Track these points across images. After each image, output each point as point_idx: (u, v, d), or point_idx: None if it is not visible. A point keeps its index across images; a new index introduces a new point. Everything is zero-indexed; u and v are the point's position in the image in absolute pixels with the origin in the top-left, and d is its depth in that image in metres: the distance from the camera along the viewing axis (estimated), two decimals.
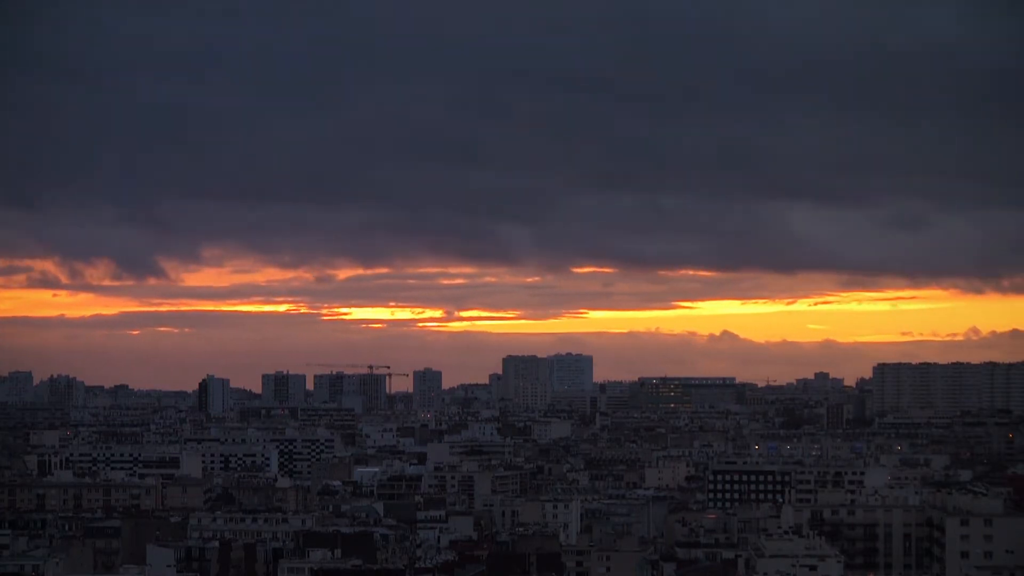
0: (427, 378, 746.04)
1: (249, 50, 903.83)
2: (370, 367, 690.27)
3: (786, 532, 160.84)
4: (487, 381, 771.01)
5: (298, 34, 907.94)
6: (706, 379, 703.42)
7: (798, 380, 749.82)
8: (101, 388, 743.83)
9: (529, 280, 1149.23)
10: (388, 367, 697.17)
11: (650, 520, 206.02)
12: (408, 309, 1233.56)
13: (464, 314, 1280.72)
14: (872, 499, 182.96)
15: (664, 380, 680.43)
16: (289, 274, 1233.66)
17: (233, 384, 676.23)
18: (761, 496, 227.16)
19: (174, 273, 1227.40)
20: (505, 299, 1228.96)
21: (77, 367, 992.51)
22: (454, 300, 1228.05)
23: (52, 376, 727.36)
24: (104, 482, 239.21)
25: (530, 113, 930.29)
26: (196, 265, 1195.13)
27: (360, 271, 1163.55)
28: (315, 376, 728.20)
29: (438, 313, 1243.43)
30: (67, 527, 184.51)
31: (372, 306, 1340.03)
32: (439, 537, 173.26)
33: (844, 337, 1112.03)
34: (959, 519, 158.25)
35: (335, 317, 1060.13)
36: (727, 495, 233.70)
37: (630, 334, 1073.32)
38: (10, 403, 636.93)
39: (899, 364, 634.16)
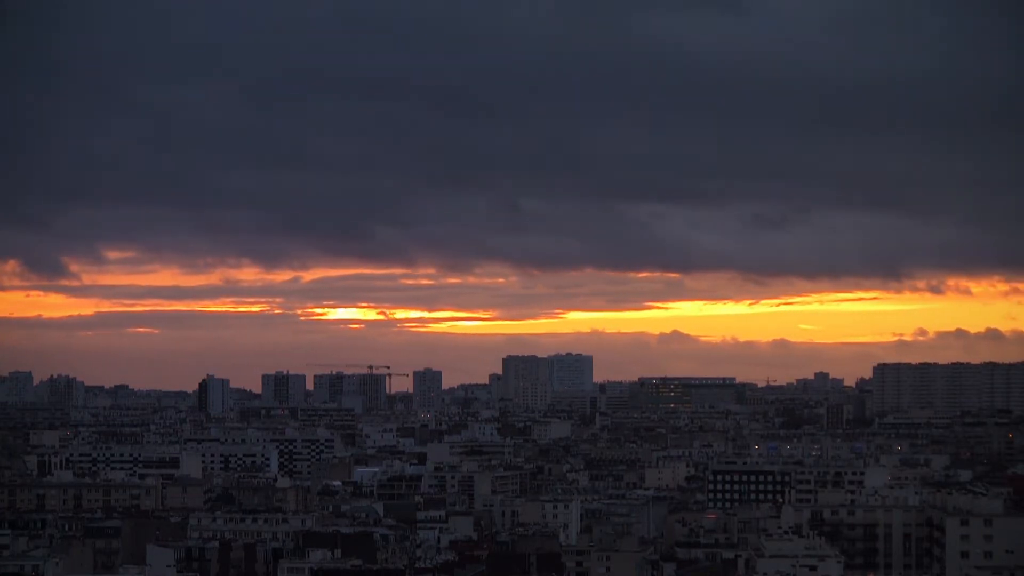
0: (427, 378, 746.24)
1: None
2: (370, 367, 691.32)
3: (786, 532, 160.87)
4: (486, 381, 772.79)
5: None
6: (706, 379, 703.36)
7: (798, 380, 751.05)
8: (101, 388, 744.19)
9: (424, 281, 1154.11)
10: (388, 367, 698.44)
11: (650, 520, 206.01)
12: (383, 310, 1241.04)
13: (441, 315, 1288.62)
14: (872, 499, 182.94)
15: (664, 380, 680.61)
16: (222, 275, 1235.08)
17: (232, 384, 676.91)
18: (761, 496, 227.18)
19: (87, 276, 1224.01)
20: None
21: (77, 367, 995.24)
22: (426, 301, 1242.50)
23: (52, 376, 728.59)
24: (104, 482, 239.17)
25: (359, 118, 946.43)
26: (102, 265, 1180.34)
27: (264, 274, 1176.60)
28: (315, 376, 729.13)
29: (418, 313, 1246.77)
30: (67, 527, 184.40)
31: (345, 306, 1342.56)
32: (439, 537, 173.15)
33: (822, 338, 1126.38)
34: (959, 519, 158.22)
35: (312, 317, 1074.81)
36: (727, 495, 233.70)
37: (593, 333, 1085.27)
38: (10, 403, 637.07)
39: (899, 364, 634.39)
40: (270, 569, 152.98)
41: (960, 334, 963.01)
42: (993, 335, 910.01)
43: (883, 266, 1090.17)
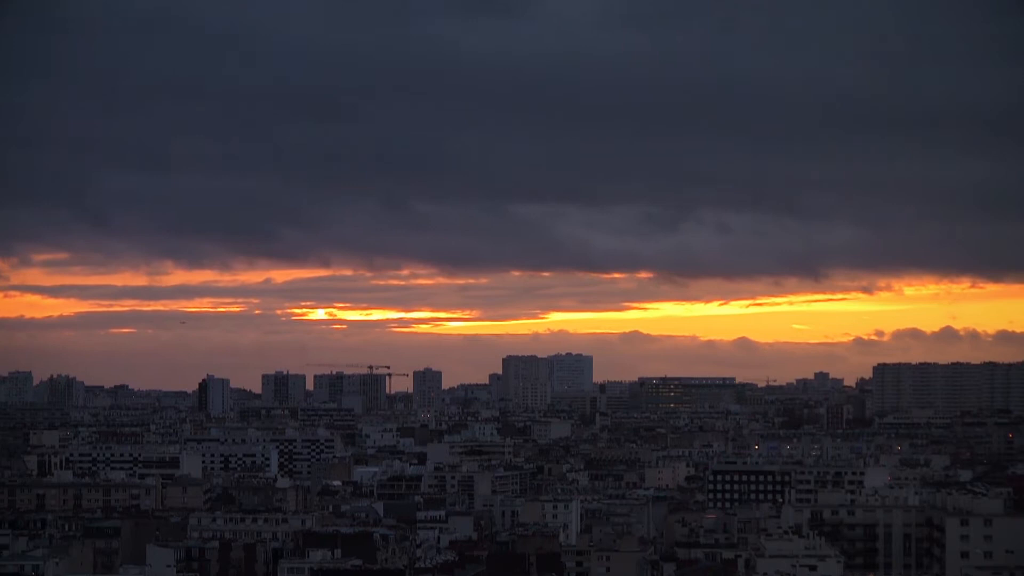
0: (427, 378, 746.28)
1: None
2: (370, 367, 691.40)
3: (786, 532, 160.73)
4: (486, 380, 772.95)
5: None
6: (706, 379, 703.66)
7: (798, 380, 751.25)
8: (101, 388, 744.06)
9: (395, 282, 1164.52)
10: (388, 367, 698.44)
11: (650, 520, 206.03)
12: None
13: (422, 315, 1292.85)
14: (872, 499, 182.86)
15: (664, 380, 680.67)
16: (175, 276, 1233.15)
17: (232, 384, 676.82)
18: (761, 496, 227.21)
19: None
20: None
21: (77, 367, 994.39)
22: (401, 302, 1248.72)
23: (52, 376, 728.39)
24: (104, 482, 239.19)
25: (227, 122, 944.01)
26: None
27: (187, 275, 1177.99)
28: (315, 376, 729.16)
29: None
30: (67, 527, 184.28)
31: (323, 306, 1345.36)
32: (439, 537, 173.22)
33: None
34: (959, 519, 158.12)
35: (295, 318, 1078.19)
36: (727, 495, 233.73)
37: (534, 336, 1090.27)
38: (10, 403, 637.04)
39: (899, 364, 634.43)
40: (270, 569, 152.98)
41: (916, 334, 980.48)
42: (948, 334, 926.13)
43: (802, 267, 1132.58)
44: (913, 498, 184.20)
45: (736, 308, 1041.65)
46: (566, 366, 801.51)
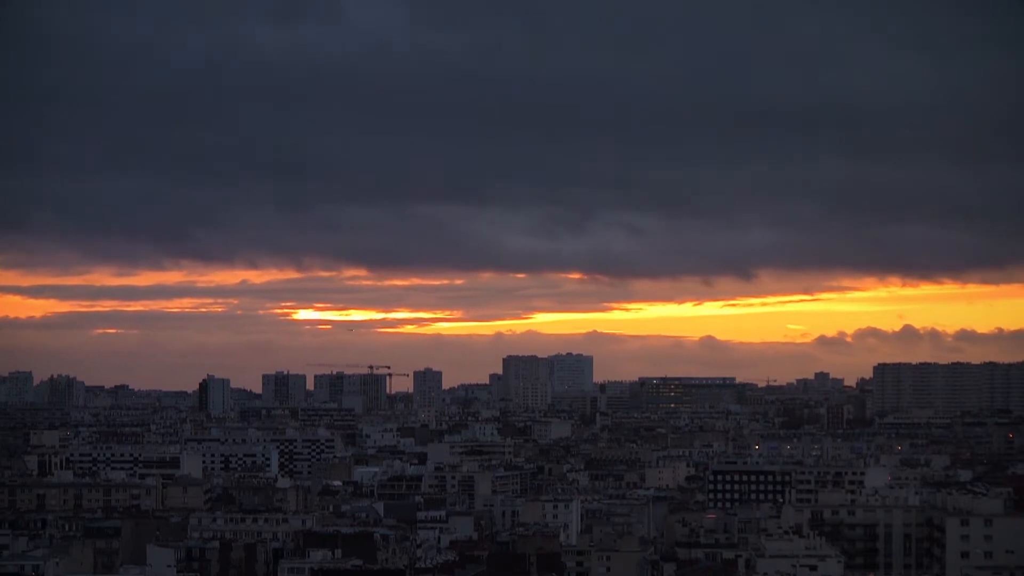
0: (427, 378, 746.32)
1: None
2: (370, 367, 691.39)
3: (786, 532, 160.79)
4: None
5: None
6: (706, 379, 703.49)
7: (798, 380, 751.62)
8: (101, 388, 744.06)
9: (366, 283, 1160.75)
10: (388, 367, 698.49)
11: (650, 520, 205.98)
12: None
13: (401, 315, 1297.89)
14: (872, 499, 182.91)
15: (664, 380, 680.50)
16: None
17: (232, 384, 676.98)
18: (761, 496, 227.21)
19: None
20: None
21: (77, 367, 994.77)
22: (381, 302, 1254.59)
23: (52, 376, 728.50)
24: (104, 482, 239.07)
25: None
26: None
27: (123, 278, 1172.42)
28: (315, 376, 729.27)
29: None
30: (67, 527, 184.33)
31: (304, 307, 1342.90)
32: (439, 537, 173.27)
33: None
34: (959, 519, 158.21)
35: (286, 318, 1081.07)
36: (727, 495, 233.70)
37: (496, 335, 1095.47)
38: (10, 403, 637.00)
39: (899, 364, 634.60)
40: (270, 569, 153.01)
41: (875, 332, 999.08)
42: (909, 333, 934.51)
43: (734, 268, 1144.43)
44: (913, 498, 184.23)
45: (712, 309, 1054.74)
46: (566, 366, 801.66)
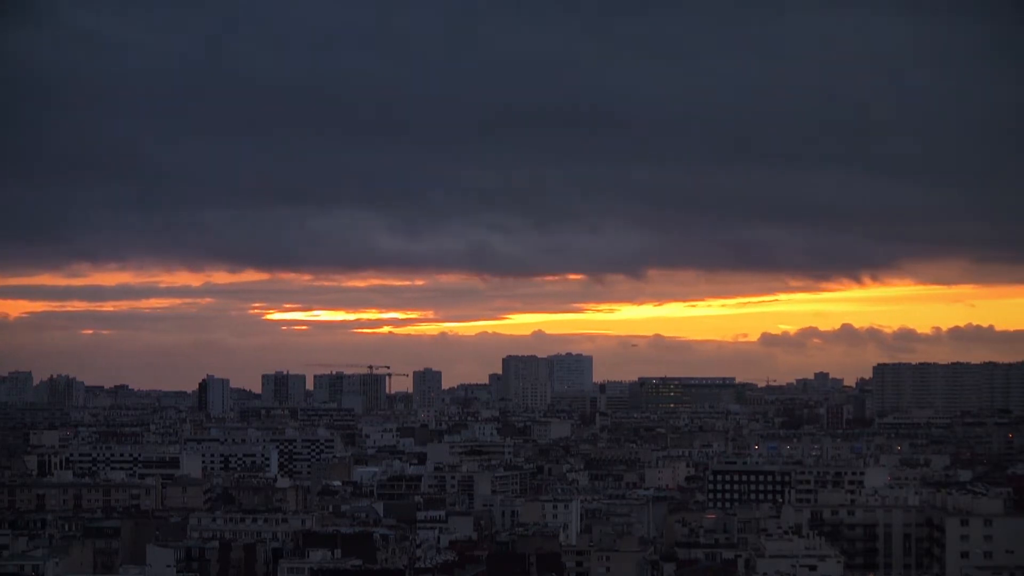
0: (427, 378, 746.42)
1: None
2: (370, 367, 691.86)
3: (786, 532, 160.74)
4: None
5: None
6: (706, 379, 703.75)
7: (798, 380, 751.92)
8: (101, 388, 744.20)
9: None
10: (388, 367, 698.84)
11: (650, 520, 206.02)
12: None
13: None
14: (872, 499, 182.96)
15: (664, 380, 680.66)
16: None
17: (232, 385, 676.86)
18: (761, 496, 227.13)
19: None
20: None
21: (77, 367, 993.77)
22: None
23: (52, 376, 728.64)
24: (104, 482, 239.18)
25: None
26: None
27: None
28: (315, 376, 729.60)
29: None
30: (67, 527, 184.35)
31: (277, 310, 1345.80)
32: (439, 537, 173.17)
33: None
34: (959, 519, 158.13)
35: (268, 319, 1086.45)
36: (727, 495, 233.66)
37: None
38: (10, 403, 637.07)
39: (899, 364, 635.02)
40: (270, 569, 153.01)
41: (814, 332, 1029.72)
42: (848, 331, 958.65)
43: (625, 268, 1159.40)
44: (913, 498, 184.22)
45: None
46: (566, 366, 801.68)
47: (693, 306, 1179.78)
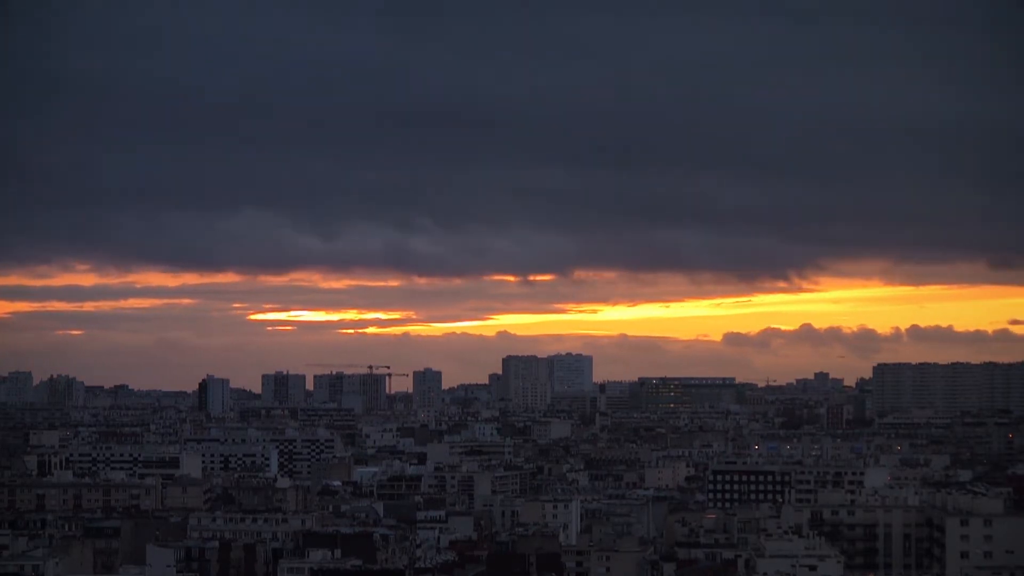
0: (427, 378, 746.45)
1: None
2: (370, 367, 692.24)
3: (786, 532, 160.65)
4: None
5: None
6: (706, 379, 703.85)
7: (798, 380, 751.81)
8: (101, 388, 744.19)
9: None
10: (388, 367, 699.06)
11: (650, 520, 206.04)
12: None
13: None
14: (872, 499, 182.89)
15: (664, 380, 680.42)
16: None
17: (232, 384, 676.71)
18: (761, 496, 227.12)
19: None
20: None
21: (77, 367, 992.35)
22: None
23: (52, 376, 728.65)
24: (104, 482, 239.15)
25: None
26: None
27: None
28: (315, 376, 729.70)
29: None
30: (67, 527, 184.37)
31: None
32: (439, 537, 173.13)
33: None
34: (959, 519, 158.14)
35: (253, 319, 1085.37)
36: (727, 495, 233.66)
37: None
38: (10, 403, 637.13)
39: (899, 364, 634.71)
40: (270, 569, 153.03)
41: (775, 333, 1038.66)
42: (808, 331, 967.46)
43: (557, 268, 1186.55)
44: (913, 498, 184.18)
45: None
46: (566, 366, 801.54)
47: (667, 307, 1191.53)
